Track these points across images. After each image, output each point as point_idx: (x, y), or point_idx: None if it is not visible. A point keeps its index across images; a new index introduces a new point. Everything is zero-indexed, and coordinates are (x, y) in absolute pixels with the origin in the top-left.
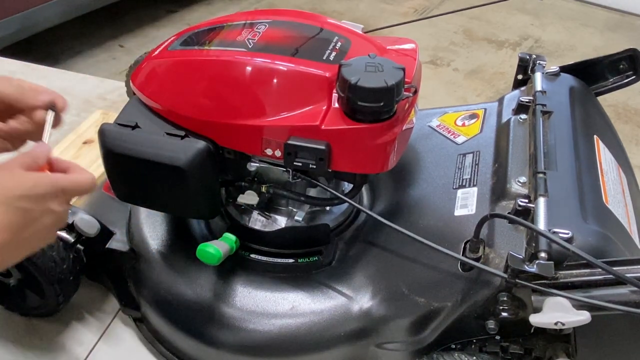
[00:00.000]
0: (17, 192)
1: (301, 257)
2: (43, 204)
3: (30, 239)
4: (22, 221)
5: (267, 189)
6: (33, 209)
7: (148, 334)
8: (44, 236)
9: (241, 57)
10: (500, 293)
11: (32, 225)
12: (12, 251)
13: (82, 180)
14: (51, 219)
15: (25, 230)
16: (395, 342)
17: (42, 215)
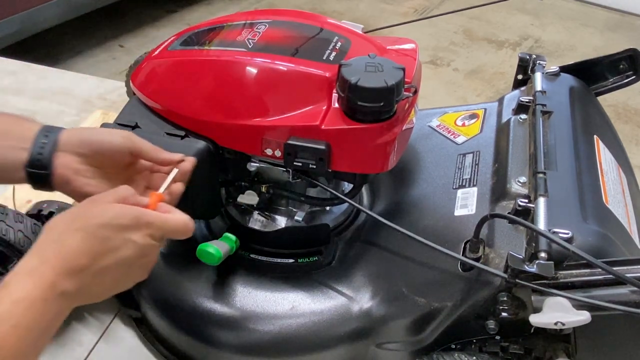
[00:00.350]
0: (98, 220)
1: (301, 257)
2: (123, 234)
3: (111, 269)
4: (101, 248)
5: (267, 189)
6: (112, 238)
7: (148, 334)
8: (126, 269)
9: (241, 57)
10: (500, 293)
11: (111, 254)
12: (92, 279)
13: (172, 219)
14: (132, 251)
15: (104, 258)
16: (395, 342)
17: (122, 245)
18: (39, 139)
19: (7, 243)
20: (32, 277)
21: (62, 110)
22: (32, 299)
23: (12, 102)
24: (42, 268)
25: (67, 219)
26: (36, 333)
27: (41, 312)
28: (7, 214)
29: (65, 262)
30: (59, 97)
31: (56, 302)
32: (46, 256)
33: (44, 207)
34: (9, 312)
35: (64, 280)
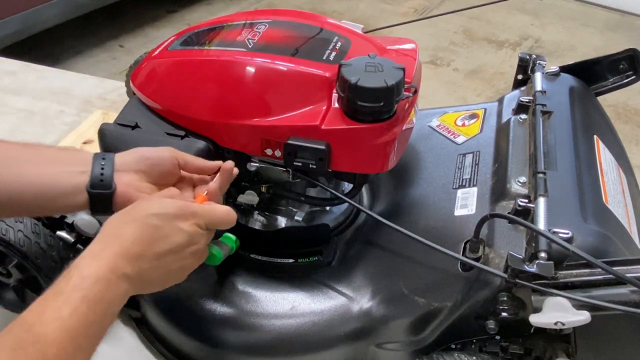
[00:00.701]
0: (148, 211)
1: (301, 257)
2: (172, 223)
3: (165, 256)
4: (153, 236)
5: (267, 189)
6: (162, 226)
7: (148, 334)
8: (178, 257)
9: (241, 57)
10: (500, 293)
11: (163, 240)
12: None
13: (215, 209)
14: (181, 238)
15: (157, 245)
16: (395, 342)
17: (171, 233)
18: (98, 161)
19: (7, 243)
20: (96, 259)
21: (62, 110)
22: (97, 276)
23: (12, 102)
24: (105, 253)
25: (121, 214)
26: (102, 307)
27: (106, 289)
28: None
29: (124, 248)
30: (59, 97)
31: (118, 283)
32: (107, 244)
33: None
34: (79, 284)
35: (124, 264)
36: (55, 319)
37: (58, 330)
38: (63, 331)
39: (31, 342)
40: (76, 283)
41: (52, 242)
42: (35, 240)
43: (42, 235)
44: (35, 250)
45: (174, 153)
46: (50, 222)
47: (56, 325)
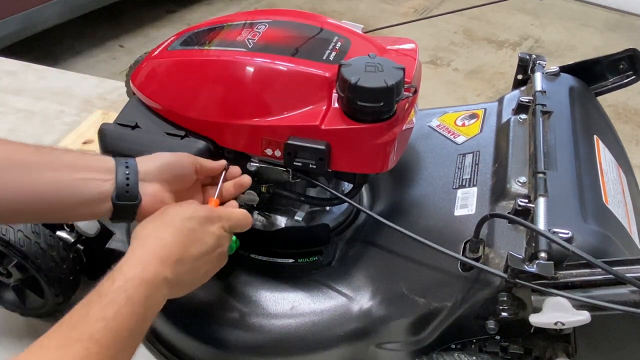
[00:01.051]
0: (182, 215)
1: (301, 257)
2: (204, 226)
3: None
4: (190, 239)
5: (267, 189)
6: (196, 229)
7: (148, 334)
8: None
9: (241, 57)
10: (500, 293)
11: (198, 243)
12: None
13: (235, 213)
14: (212, 240)
15: (192, 248)
16: (395, 342)
17: (204, 236)
18: (121, 168)
19: (7, 243)
20: (141, 263)
21: (62, 110)
22: (141, 279)
23: (12, 102)
24: (148, 257)
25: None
26: (144, 310)
27: (149, 292)
28: None
29: (165, 252)
30: (59, 97)
31: (160, 287)
32: (149, 248)
33: None
34: (124, 286)
35: (166, 268)
36: (100, 319)
37: (103, 330)
38: (107, 331)
39: (76, 340)
40: (120, 284)
41: (52, 242)
42: (35, 240)
43: (42, 235)
44: (35, 250)
45: (193, 159)
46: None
47: (101, 325)
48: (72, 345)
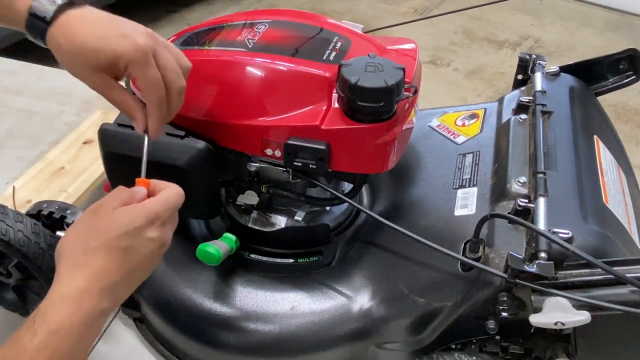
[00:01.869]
0: (114, 232)
1: (301, 257)
2: (141, 236)
3: (137, 270)
4: (127, 258)
5: (267, 189)
6: (134, 244)
7: (148, 334)
8: (149, 264)
9: (241, 57)
10: (500, 293)
11: (134, 258)
12: (124, 287)
13: (169, 198)
14: (152, 247)
15: (130, 265)
16: (395, 342)
17: (143, 247)
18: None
19: (7, 243)
20: (69, 305)
21: (62, 110)
22: (70, 327)
23: (12, 102)
24: (79, 294)
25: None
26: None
27: (78, 338)
28: (7, 214)
29: (99, 283)
30: (59, 97)
31: (96, 322)
32: (78, 282)
33: (44, 207)
34: (45, 342)
35: (103, 302)
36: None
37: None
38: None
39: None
40: (41, 340)
41: (52, 242)
42: (35, 240)
43: (42, 235)
44: (35, 250)
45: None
46: (50, 222)
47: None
48: None
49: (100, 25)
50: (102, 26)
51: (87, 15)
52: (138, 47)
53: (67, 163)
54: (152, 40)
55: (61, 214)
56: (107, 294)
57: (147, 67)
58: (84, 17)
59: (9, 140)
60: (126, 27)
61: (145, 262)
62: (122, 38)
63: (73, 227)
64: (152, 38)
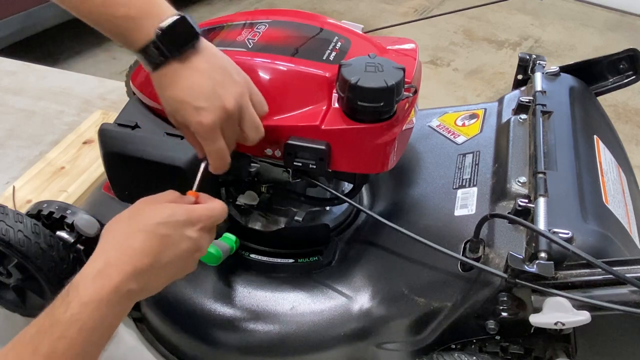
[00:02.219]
0: (156, 219)
1: (301, 257)
2: (180, 231)
3: (170, 264)
4: (162, 246)
5: (267, 189)
6: (171, 235)
7: (148, 334)
8: (183, 263)
9: (241, 57)
10: (500, 293)
11: (170, 249)
12: (154, 276)
13: (214, 208)
14: (188, 245)
15: (164, 255)
16: (395, 342)
17: (179, 241)
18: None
19: (7, 243)
20: (99, 279)
21: (62, 110)
22: (99, 301)
23: (12, 102)
24: (109, 271)
25: (125, 220)
26: (100, 332)
27: (106, 313)
28: (7, 214)
29: (130, 264)
30: (59, 97)
31: (121, 303)
32: (111, 259)
33: (44, 207)
34: (78, 314)
35: (130, 282)
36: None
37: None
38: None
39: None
40: (74, 312)
41: (52, 242)
42: (35, 240)
43: (42, 235)
44: (35, 250)
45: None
46: (50, 222)
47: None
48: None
49: (190, 86)
50: (189, 90)
51: (192, 67)
52: (203, 124)
53: (67, 163)
54: (235, 106)
55: (61, 214)
56: (136, 276)
57: (208, 141)
58: (187, 69)
59: (9, 140)
60: (209, 96)
61: (179, 259)
62: (194, 111)
63: (123, 212)
64: (237, 102)
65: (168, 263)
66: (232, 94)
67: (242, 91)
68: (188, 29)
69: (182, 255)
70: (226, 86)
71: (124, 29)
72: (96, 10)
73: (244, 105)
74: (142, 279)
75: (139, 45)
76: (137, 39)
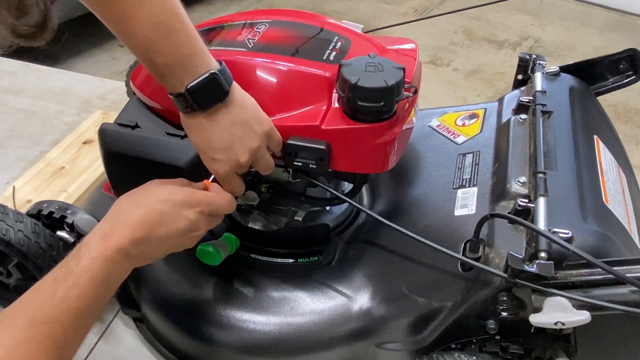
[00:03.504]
0: (157, 197)
1: (301, 257)
2: (177, 210)
3: (166, 238)
4: (157, 221)
5: (267, 189)
6: (168, 212)
7: (148, 334)
8: (178, 239)
9: (241, 57)
10: (500, 293)
11: (165, 225)
12: (150, 246)
13: (217, 197)
14: (184, 224)
15: (160, 229)
16: (395, 342)
17: (176, 220)
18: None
19: (7, 243)
20: (105, 240)
21: (62, 110)
22: (105, 258)
23: (12, 102)
24: (112, 234)
25: (133, 195)
26: (106, 285)
27: (111, 269)
28: (7, 214)
29: (130, 231)
30: (59, 97)
31: (122, 263)
32: (115, 224)
33: (44, 207)
34: (88, 266)
35: (129, 247)
36: (65, 299)
37: (66, 311)
38: (70, 312)
39: (41, 322)
40: (86, 264)
41: (52, 242)
42: (35, 240)
43: (42, 235)
44: (35, 250)
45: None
46: (50, 222)
47: (65, 306)
48: (38, 327)
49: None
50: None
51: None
52: (218, 173)
53: (67, 163)
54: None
55: (61, 214)
56: (134, 243)
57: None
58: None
59: (9, 140)
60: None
61: (174, 235)
62: (211, 160)
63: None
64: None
65: (164, 237)
66: (248, 149)
67: (258, 145)
68: (217, 88)
69: (178, 232)
70: (244, 141)
71: (161, 74)
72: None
73: (259, 156)
74: (139, 247)
75: (170, 90)
76: (170, 85)
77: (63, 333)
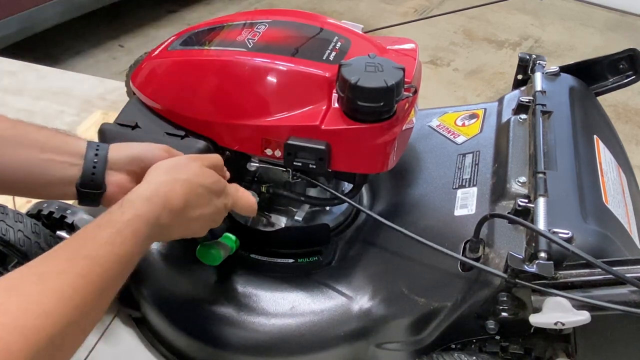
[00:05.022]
0: (201, 180)
1: (301, 257)
2: (212, 197)
3: (192, 220)
4: (195, 201)
5: (267, 189)
6: (205, 196)
7: (148, 334)
8: (199, 224)
9: (241, 57)
10: (500, 293)
11: (199, 208)
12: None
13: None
14: (211, 211)
15: (193, 209)
16: (395, 342)
17: (207, 204)
18: (90, 156)
19: (7, 243)
20: (149, 202)
21: (62, 110)
22: (147, 218)
23: (12, 102)
24: (155, 199)
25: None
26: (139, 247)
27: (148, 232)
28: (7, 214)
29: (170, 202)
30: (59, 97)
31: (155, 227)
32: (160, 191)
33: (44, 207)
34: (132, 220)
35: (165, 215)
36: (108, 243)
37: (108, 254)
38: (111, 256)
39: (83, 257)
40: (129, 218)
41: (52, 242)
42: (35, 240)
43: (42, 235)
44: (35, 251)
45: (169, 153)
46: (50, 222)
47: (108, 249)
48: (79, 261)
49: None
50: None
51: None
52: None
53: None
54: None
55: (61, 214)
56: (169, 213)
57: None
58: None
59: None
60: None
61: (199, 218)
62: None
63: (173, 158)
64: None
65: (191, 218)
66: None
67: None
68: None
69: (203, 216)
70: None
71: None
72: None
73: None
74: (171, 219)
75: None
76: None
77: (101, 275)
